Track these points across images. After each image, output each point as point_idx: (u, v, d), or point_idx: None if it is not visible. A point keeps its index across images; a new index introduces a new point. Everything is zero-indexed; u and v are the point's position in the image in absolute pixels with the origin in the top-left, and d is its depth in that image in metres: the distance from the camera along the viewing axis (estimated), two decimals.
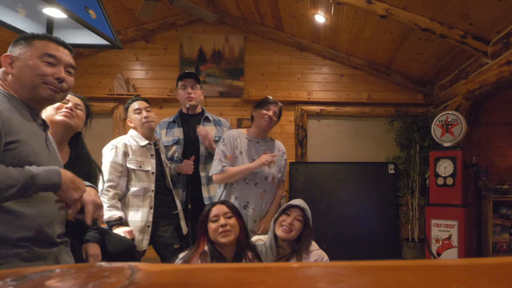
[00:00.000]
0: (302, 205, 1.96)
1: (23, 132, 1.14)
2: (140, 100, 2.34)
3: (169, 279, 0.34)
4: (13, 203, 1.10)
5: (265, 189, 2.33)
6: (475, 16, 2.94)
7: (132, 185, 2.22)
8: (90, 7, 1.92)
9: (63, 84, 1.25)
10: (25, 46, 1.22)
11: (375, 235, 4.60)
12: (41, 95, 1.22)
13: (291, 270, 0.36)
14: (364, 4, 3.27)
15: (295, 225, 1.89)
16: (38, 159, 1.16)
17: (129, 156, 2.23)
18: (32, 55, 1.21)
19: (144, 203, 2.22)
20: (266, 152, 2.39)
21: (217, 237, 1.74)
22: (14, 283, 0.31)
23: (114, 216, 2.09)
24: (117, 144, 2.23)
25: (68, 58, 1.29)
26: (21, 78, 1.20)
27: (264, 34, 4.84)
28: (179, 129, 2.57)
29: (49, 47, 1.24)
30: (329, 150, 4.87)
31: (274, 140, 2.52)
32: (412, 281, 0.31)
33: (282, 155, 2.49)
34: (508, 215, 4.21)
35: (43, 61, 1.21)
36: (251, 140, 2.41)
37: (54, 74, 1.22)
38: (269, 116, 2.37)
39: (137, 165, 2.24)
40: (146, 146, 2.29)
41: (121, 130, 4.66)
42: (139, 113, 2.29)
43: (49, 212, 1.20)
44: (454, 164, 3.69)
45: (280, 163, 2.46)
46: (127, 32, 4.70)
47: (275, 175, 2.41)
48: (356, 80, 4.91)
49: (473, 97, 3.74)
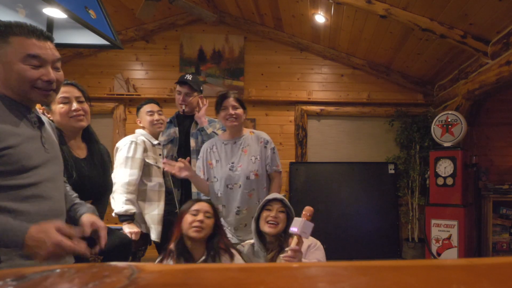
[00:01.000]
0: (279, 197, 1.96)
1: (13, 136, 1.11)
2: (153, 103, 2.46)
3: (169, 279, 0.34)
4: (11, 202, 1.09)
5: (251, 188, 2.23)
6: (475, 16, 2.94)
7: (150, 180, 2.31)
8: (90, 7, 1.92)
9: (53, 84, 1.19)
10: (2, 44, 1.12)
11: (375, 235, 4.60)
12: (33, 99, 1.18)
13: (291, 270, 0.36)
14: (364, 4, 3.27)
15: (280, 217, 1.89)
16: (31, 162, 1.15)
17: (148, 152, 2.31)
18: (14, 57, 1.12)
19: (159, 197, 2.33)
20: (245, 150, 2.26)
21: (188, 230, 1.76)
22: (14, 283, 0.31)
23: (130, 210, 2.15)
24: (136, 140, 2.30)
25: (52, 53, 1.18)
26: (8, 82, 1.14)
27: (264, 34, 4.84)
28: (174, 128, 2.62)
29: (29, 45, 1.13)
30: (329, 150, 4.87)
31: (255, 133, 2.36)
32: (412, 281, 0.31)
33: (265, 145, 2.30)
34: (508, 215, 4.21)
35: (27, 65, 1.12)
36: (227, 143, 2.29)
37: (42, 76, 1.15)
38: (230, 114, 2.21)
39: (154, 161, 2.34)
40: (156, 145, 2.40)
41: (121, 130, 4.66)
42: (151, 115, 2.40)
43: (48, 210, 1.19)
44: (454, 164, 3.69)
45: (264, 154, 2.29)
46: (127, 32, 4.70)
47: (259, 170, 2.26)
48: (356, 80, 4.91)
49: (473, 97, 3.74)
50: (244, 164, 2.23)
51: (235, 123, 2.22)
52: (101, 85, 4.75)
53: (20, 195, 1.12)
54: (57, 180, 1.28)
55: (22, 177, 1.13)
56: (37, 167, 1.17)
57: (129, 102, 4.74)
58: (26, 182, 1.13)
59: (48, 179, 1.22)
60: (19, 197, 1.12)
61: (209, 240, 1.81)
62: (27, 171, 1.14)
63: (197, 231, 1.75)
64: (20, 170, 1.12)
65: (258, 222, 1.93)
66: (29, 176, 1.14)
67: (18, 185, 1.12)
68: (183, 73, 4.65)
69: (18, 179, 1.12)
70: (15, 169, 1.11)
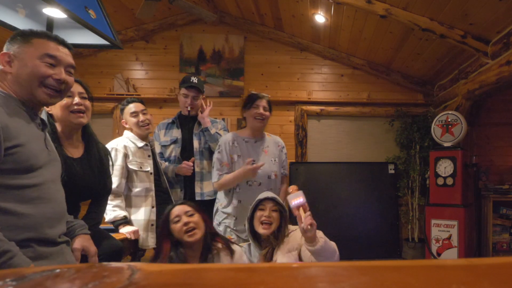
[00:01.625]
0: (271, 195, 1.97)
1: (23, 135, 1.13)
2: (136, 102, 2.37)
3: (169, 279, 0.34)
4: (13, 204, 1.10)
5: (269, 187, 2.30)
6: (475, 16, 2.94)
7: (134, 185, 2.25)
8: (90, 7, 1.92)
9: (62, 85, 1.23)
10: (23, 44, 1.18)
11: (375, 235, 4.60)
12: (38, 98, 1.20)
13: (291, 270, 0.36)
14: (364, 4, 3.27)
15: (274, 216, 1.91)
16: (38, 161, 1.16)
17: (130, 157, 2.25)
18: (32, 55, 1.17)
19: (145, 202, 2.27)
20: (266, 150, 2.37)
21: (183, 236, 1.71)
22: (14, 283, 0.31)
23: (119, 215, 2.13)
24: (116, 147, 2.24)
25: (68, 58, 1.26)
26: (19, 78, 1.17)
27: (264, 34, 4.84)
28: (177, 129, 2.60)
29: (49, 46, 1.21)
30: (329, 150, 4.87)
31: (271, 136, 2.49)
32: (412, 281, 0.31)
33: (282, 149, 2.46)
34: (508, 215, 4.20)
35: (43, 62, 1.18)
36: (248, 141, 2.37)
37: (54, 75, 1.20)
38: (260, 114, 2.31)
39: (138, 166, 2.27)
40: (143, 147, 2.33)
41: (121, 130, 4.62)
42: (135, 116, 2.33)
43: (49, 212, 1.20)
44: (454, 164, 3.69)
45: (281, 158, 2.43)
46: (127, 32, 4.70)
47: (278, 172, 2.38)
48: (356, 80, 4.91)
49: (473, 97, 3.74)
50: (266, 163, 2.29)
51: (261, 124, 2.33)
52: (101, 85, 4.75)
53: (24, 196, 1.12)
54: (58, 182, 1.30)
55: (28, 177, 1.13)
56: (42, 168, 1.18)
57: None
58: (31, 182, 1.14)
59: (50, 180, 1.22)
60: (24, 199, 1.12)
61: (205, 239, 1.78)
62: (34, 171, 1.15)
63: (191, 235, 1.71)
64: (28, 169, 1.13)
65: (252, 222, 1.94)
66: (34, 176, 1.15)
67: (23, 185, 1.12)
68: (183, 73, 4.67)
69: (25, 179, 1.12)
70: (24, 167, 1.12)
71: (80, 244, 1.41)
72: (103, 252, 1.58)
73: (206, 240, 1.78)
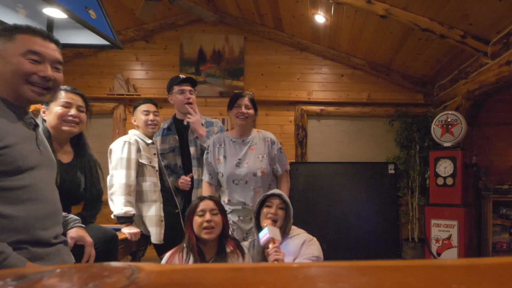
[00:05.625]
0: (277, 192, 2.00)
1: (10, 136, 1.09)
2: (150, 103, 2.43)
3: (169, 279, 0.34)
4: (2, 206, 1.06)
5: (257, 185, 2.29)
6: (475, 16, 2.94)
7: (145, 180, 2.29)
8: (90, 7, 1.92)
9: (49, 82, 1.17)
10: (7, 40, 1.12)
11: (375, 235, 4.60)
12: (25, 97, 1.15)
13: (291, 270, 0.36)
14: (364, 4, 3.27)
15: (279, 214, 1.93)
16: (27, 162, 1.13)
17: (141, 152, 2.29)
18: (15, 52, 1.12)
19: (156, 197, 2.31)
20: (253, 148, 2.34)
21: (200, 232, 1.78)
22: (14, 283, 0.31)
23: (130, 212, 2.14)
24: (129, 140, 2.28)
25: (54, 54, 1.19)
26: (3, 76, 1.12)
27: (264, 34, 4.84)
28: (174, 137, 2.55)
29: (33, 42, 1.14)
30: (329, 150, 4.87)
31: (261, 132, 2.42)
32: (412, 281, 0.31)
33: (271, 144, 2.37)
34: (508, 215, 4.21)
35: (26, 59, 1.12)
36: (236, 141, 2.37)
37: (39, 72, 1.14)
38: (242, 112, 2.29)
39: (148, 161, 2.32)
40: (150, 145, 2.37)
41: (121, 130, 4.66)
42: (147, 115, 2.37)
43: (41, 214, 1.16)
44: (454, 164, 3.69)
45: (271, 154, 2.36)
46: (127, 32, 4.70)
47: (265, 168, 2.31)
48: (356, 80, 4.91)
49: (473, 97, 3.74)
50: (251, 161, 2.30)
51: (244, 122, 2.31)
52: (101, 85, 4.75)
53: (15, 198, 1.09)
54: (52, 183, 1.27)
55: (17, 178, 1.10)
56: (33, 169, 1.15)
57: (129, 102, 4.74)
58: (20, 184, 1.11)
59: (43, 181, 1.19)
60: (14, 200, 1.09)
61: (220, 240, 1.83)
62: (22, 173, 1.12)
63: (208, 232, 1.77)
64: (15, 171, 1.10)
65: (258, 217, 1.97)
66: (24, 177, 1.12)
67: (13, 187, 1.09)
68: (183, 73, 4.66)
69: (13, 181, 1.09)
70: (11, 170, 1.09)
71: (76, 233, 1.42)
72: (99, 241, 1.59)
73: (221, 241, 1.83)
